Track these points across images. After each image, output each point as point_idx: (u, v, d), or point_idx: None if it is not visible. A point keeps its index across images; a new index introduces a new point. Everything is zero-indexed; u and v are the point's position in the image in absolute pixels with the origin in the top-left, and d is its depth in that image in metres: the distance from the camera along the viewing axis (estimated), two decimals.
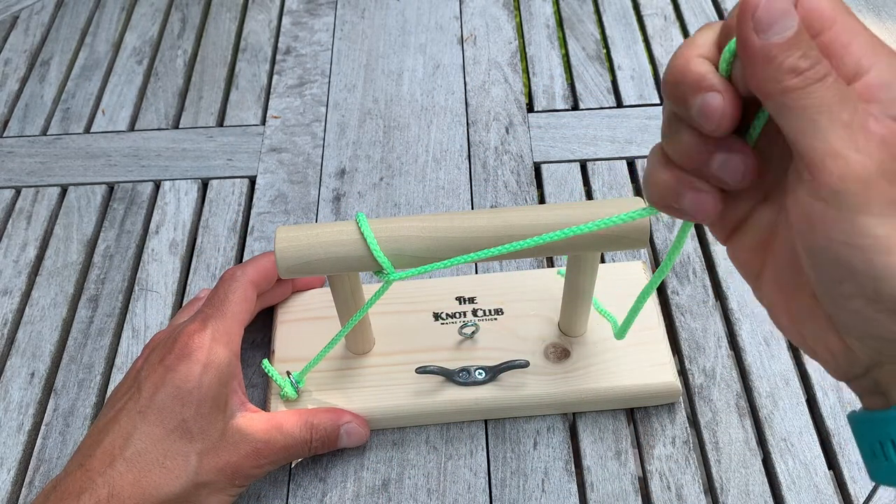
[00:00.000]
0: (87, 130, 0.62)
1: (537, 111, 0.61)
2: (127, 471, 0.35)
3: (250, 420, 0.39)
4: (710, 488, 0.42)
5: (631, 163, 0.57)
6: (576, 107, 0.62)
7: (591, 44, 0.67)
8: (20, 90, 0.66)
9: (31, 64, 0.68)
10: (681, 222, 0.30)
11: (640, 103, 0.61)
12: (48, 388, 0.47)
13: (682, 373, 0.46)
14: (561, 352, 0.44)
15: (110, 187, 0.58)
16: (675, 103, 0.24)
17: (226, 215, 0.55)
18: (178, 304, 0.51)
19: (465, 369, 0.43)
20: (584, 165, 0.57)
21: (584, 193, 0.55)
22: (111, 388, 0.46)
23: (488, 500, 0.41)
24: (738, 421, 0.44)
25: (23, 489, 0.43)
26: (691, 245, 0.52)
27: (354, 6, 0.71)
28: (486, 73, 0.64)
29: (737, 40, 0.22)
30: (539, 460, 0.43)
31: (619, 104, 0.62)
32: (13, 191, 0.58)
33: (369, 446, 0.43)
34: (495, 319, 0.46)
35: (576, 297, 0.42)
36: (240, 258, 0.53)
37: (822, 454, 0.42)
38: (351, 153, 0.59)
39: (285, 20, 0.70)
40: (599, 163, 0.57)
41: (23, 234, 0.55)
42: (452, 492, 0.42)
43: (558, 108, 0.62)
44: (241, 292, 0.41)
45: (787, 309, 0.26)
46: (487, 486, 0.42)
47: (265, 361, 0.42)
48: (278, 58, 0.67)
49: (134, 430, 0.36)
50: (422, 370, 0.43)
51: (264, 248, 0.53)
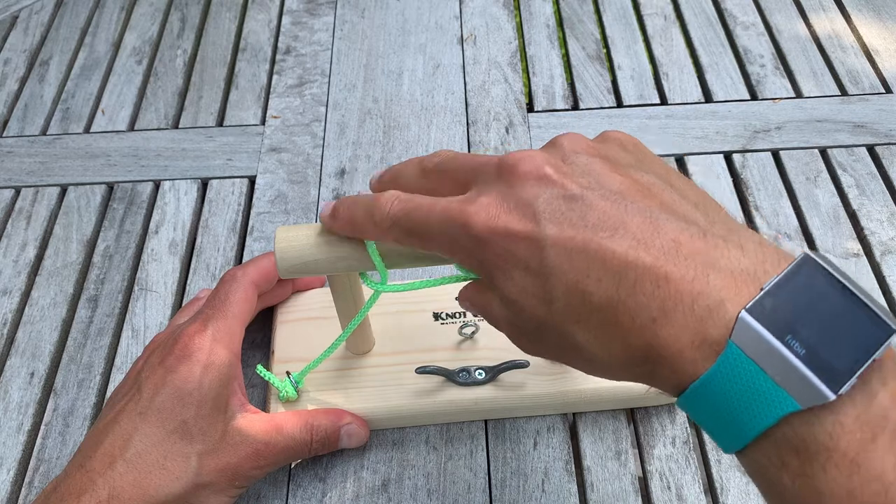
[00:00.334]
0: (87, 130, 0.62)
1: (537, 111, 0.61)
2: (127, 472, 0.35)
3: (250, 421, 0.39)
4: (711, 488, 0.42)
5: None
6: (576, 107, 0.62)
7: (591, 44, 0.67)
8: (20, 90, 0.66)
9: (31, 64, 0.68)
10: None
11: (640, 103, 0.61)
12: (48, 389, 0.47)
13: None
14: None
15: (110, 187, 0.58)
16: None
17: (225, 215, 0.55)
18: (178, 304, 0.51)
19: (465, 369, 0.43)
20: None
21: None
22: (111, 388, 0.46)
23: (488, 500, 0.41)
24: None
25: (22, 489, 0.43)
26: None
27: (354, 6, 0.71)
28: (486, 73, 0.64)
29: None
30: (539, 460, 0.43)
31: (619, 104, 0.62)
32: (13, 191, 0.58)
33: (369, 446, 0.43)
34: None
35: None
36: (239, 258, 0.53)
37: None
38: (351, 153, 0.59)
39: (285, 20, 0.70)
40: None
41: (22, 234, 0.55)
42: (452, 492, 0.42)
43: (558, 107, 0.62)
44: (241, 293, 0.41)
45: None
46: (487, 486, 0.42)
47: (260, 366, 0.42)
48: (278, 58, 0.67)
49: (134, 432, 0.36)
50: (422, 370, 0.43)
51: (264, 249, 0.53)
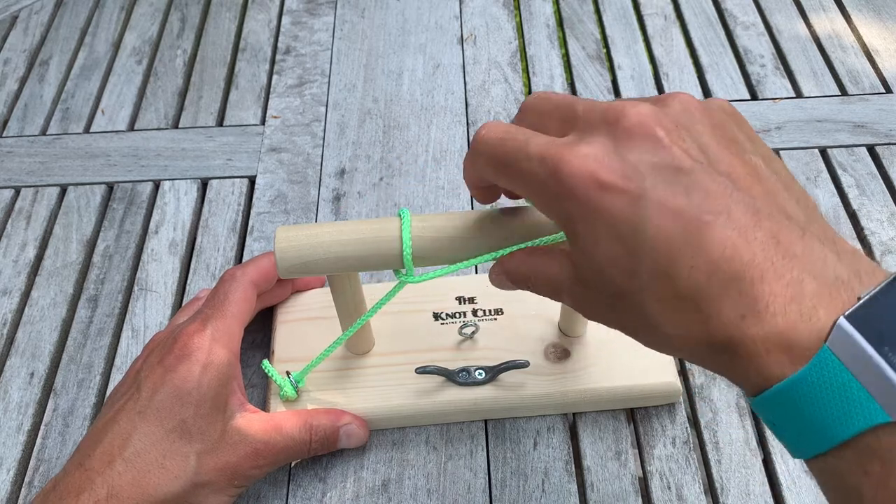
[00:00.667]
0: (87, 130, 0.62)
1: None
2: (126, 471, 0.35)
3: (250, 421, 0.39)
4: (711, 488, 0.42)
5: None
6: None
7: (591, 43, 0.67)
8: (19, 90, 0.66)
9: (31, 64, 0.68)
10: None
11: None
12: (48, 389, 0.47)
13: (683, 373, 0.46)
14: (561, 352, 0.44)
15: (110, 187, 0.58)
16: None
17: (225, 215, 0.55)
18: (178, 304, 0.51)
19: (465, 369, 0.43)
20: None
21: None
22: (111, 388, 0.46)
23: (488, 500, 0.41)
24: (739, 421, 0.44)
25: (22, 489, 0.43)
26: None
27: (354, 6, 0.71)
28: (486, 73, 0.64)
29: None
30: (539, 460, 0.43)
31: None
32: (12, 191, 0.58)
33: (369, 446, 0.43)
34: (495, 319, 0.46)
35: None
36: (239, 258, 0.53)
37: None
38: (351, 153, 0.59)
39: (285, 20, 0.70)
40: None
41: (22, 234, 0.55)
42: (452, 492, 0.42)
43: None
44: (241, 292, 0.41)
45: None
46: (487, 486, 0.42)
47: (265, 362, 0.42)
48: (278, 57, 0.67)
49: (133, 431, 0.36)
50: (422, 370, 0.42)
51: (264, 248, 0.53)
